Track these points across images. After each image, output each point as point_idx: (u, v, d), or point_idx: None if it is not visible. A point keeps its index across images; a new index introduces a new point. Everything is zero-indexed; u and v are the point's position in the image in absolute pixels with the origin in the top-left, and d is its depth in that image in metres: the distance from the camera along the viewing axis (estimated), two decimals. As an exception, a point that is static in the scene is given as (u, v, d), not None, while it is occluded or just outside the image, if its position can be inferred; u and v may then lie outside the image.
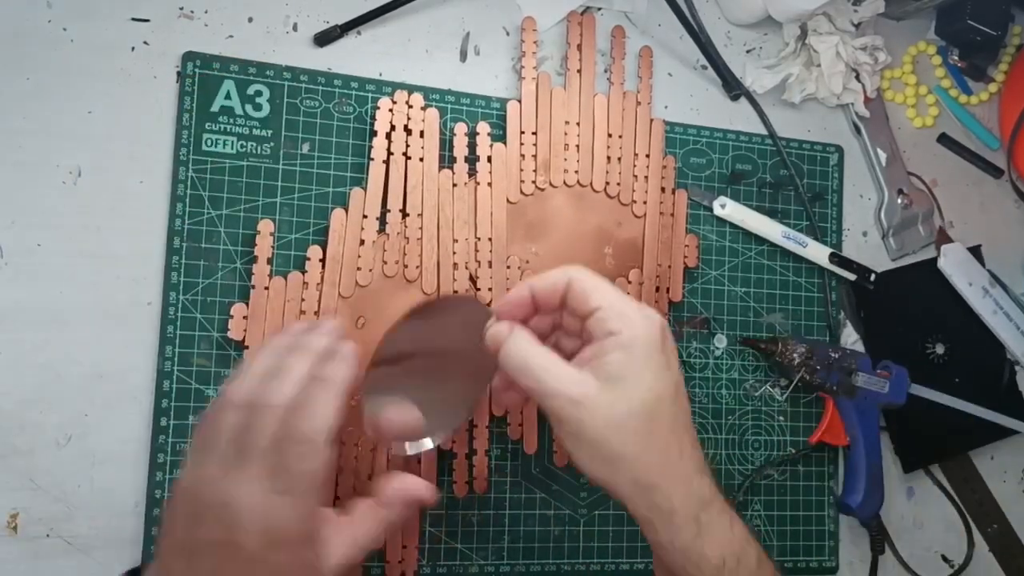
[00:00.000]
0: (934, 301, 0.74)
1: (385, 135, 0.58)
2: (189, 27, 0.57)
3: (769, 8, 0.67)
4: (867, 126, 0.73)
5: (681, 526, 0.42)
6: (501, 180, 0.60)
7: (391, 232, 0.57)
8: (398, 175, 0.58)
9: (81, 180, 0.53)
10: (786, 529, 0.67)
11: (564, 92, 0.63)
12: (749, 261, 0.68)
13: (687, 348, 0.65)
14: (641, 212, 0.64)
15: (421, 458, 0.57)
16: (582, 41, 0.64)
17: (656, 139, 0.65)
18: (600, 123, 0.64)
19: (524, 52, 0.62)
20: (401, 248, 0.57)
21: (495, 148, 0.60)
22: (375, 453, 0.56)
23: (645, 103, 0.65)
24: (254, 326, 0.54)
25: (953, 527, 0.73)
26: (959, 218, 0.76)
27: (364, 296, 0.57)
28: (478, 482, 0.58)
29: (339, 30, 0.59)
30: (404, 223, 0.58)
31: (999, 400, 0.74)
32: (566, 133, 0.63)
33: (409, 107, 0.58)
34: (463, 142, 0.60)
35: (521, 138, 0.61)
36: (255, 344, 0.54)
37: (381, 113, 0.58)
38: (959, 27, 0.73)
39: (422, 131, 0.58)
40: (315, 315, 0.55)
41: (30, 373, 0.52)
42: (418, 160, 0.58)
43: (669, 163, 0.66)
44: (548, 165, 0.62)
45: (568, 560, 0.61)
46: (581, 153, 0.63)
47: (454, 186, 0.59)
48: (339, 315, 0.56)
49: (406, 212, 0.58)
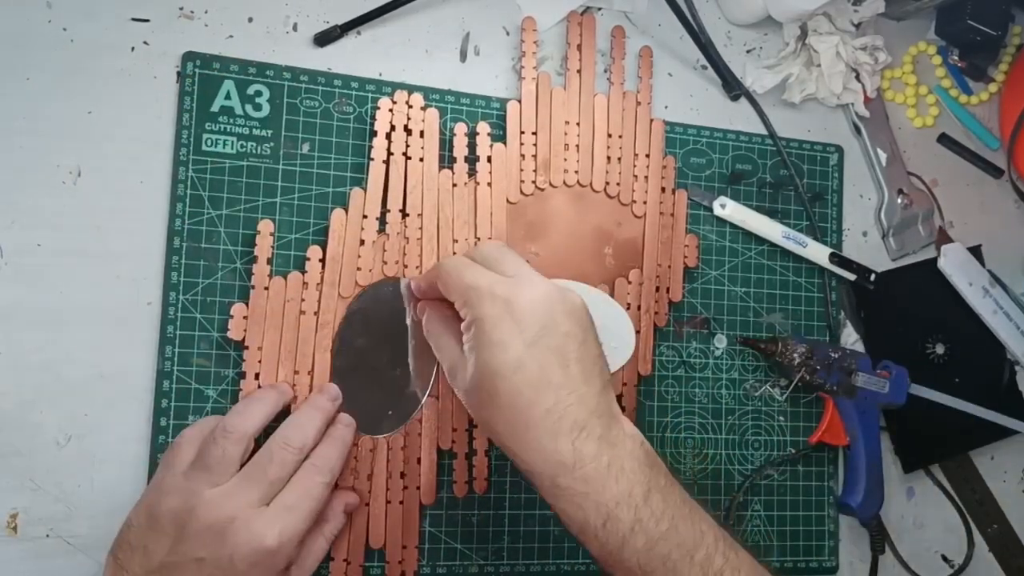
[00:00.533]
0: (934, 301, 0.74)
1: (385, 135, 0.58)
2: (189, 27, 0.57)
3: (769, 8, 0.67)
4: (867, 126, 0.73)
5: (541, 485, 0.46)
6: (501, 180, 0.60)
7: (391, 232, 0.57)
8: (398, 175, 0.58)
9: (81, 180, 0.53)
10: (786, 529, 0.67)
11: (564, 92, 0.63)
12: (749, 261, 0.68)
13: (687, 348, 0.65)
14: (641, 212, 0.64)
15: (421, 458, 0.57)
16: (582, 41, 0.64)
17: (656, 139, 0.65)
18: (600, 123, 0.63)
19: (524, 52, 0.62)
20: (401, 248, 0.57)
21: (495, 148, 0.60)
22: (374, 453, 0.56)
23: (645, 103, 0.65)
24: (254, 326, 0.54)
25: (953, 527, 0.73)
26: (959, 218, 0.76)
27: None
28: (478, 482, 0.58)
29: (339, 30, 0.59)
30: (404, 223, 0.58)
31: (999, 400, 0.74)
32: (566, 133, 0.63)
33: (409, 107, 0.58)
34: (463, 142, 0.60)
35: (521, 138, 0.61)
36: (255, 344, 0.54)
37: (381, 113, 0.58)
38: (959, 27, 0.73)
39: (422, 131, 0.58)
40: (315, 315, 0.55)
41: (30, 373, 0.52)
42: (418, 160, 0.58)
43: (669, 163, 0.66)
44: (548, 165, 0.62)
45: (568, 560, 0.61)
46: (581, 153, 0.63)
47: (454, 186, 0.59)
48: (338, 315, 0.56)
49: (406, 212, 0.58)
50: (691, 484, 0.64)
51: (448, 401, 0.58)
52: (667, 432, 0.64)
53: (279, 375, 0.54)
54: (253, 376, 0.54)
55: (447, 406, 0.58)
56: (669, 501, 0.46)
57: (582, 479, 0.45)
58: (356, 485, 0.55)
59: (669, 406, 0.65)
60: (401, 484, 0.56)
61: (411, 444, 0.57)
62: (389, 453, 0.56)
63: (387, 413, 0.56)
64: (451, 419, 0.58)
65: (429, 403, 0.57)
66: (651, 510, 0.45)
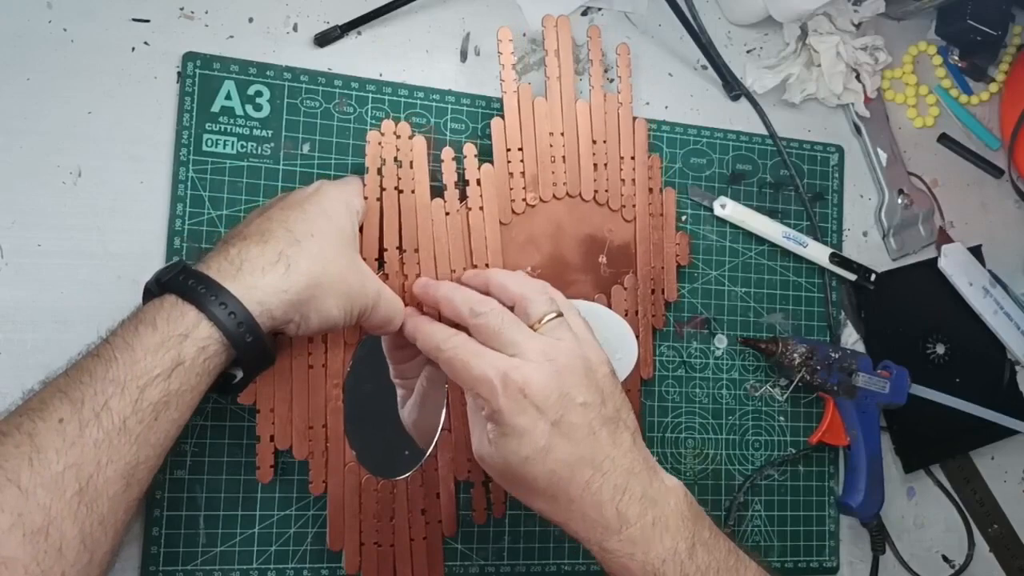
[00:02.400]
0: (935, 301, 0.74)
1: (377, 171, 0.55)
2: (189, 27, 0.57)
3: (769, 8, 0.67)
4: (867, 126, 0.73)
5: (591, 551, 0.47)
6: (492, 201, 0.59)
7: (390, 272, 0.55)
8: (392, 211, 0.56)
9: (81, 180, 0.53)
10: (787, 529, 0.67)
11: (546, 102, 0.61)
12: (749, 261, 0.68)
13: (687, 348, 0.65)
14: (631, 216, 0.63)
15: (440, 492, 0.57)
16: (559, 46, 0.61)
17: (640, 139, 0.64)
18: (584, 130, 0.62)
19: (503, 64, 0.60)
20: (401, 286, 0.56)
21: (483, 170, 0.59)
22: (394, 495, 0.55)
23: (627, 103, 0.63)
24: (264, 388, 0.53)
25: (954, 527, 0.73)
26: (959, 218, 0.76)
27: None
28: (496, 507, 0.59)
29: (339, 30, 0.59)
30: (402, 259, 0.56)
31: (1000, 400, 0.74)
32: (551, 145, 0.61)
33: (397, 137, 0.56)
34: (451, 167, 0.58)
35: (508, 155, 0.60)
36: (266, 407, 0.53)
37: (371, 148, 0.55)
38: (959, 27, 0.73)
39: (411, 161, 0.56)
40: (323, 368, 0.54)
41: (30, 373, 0.51)
42: (410, 192, 0.56)
43: (655, 162, 0.64)
44: (536, 180, 0.60)
45: (568, 560, 0.61)
46: (567, 163, 0.61)
47: (447, 215, 0.57)
48: (345, 364, 0.55)
49: (403, 248, 0.56)
50: (692, 484, 0.64)
51: (461, 433, 0.57)
52: (667, 432, 0.64)
53: (294, 433, 0.53)
54: (268, 438, 0.53)
55: (460, 437, 0.57)
56: (714, 554, 0.47)
57: (628, 540, 0.45)
58: (379, 527, 0.55)
59: (670, 406, 0.65)
60: (423, 520, 0.56)
61: (428, 480, 0.56)
62: (408, 492, 0.56)
63: (403, 453, 0.56)
64: (466, 449, 0.56)
65: (443, 436, 0.57)
66: (696, 565, 0.46)
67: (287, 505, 0.55)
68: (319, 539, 0.55)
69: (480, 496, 0.58)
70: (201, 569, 0.53)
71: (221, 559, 0.53)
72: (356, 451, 0.55)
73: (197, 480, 0.54)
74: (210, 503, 0.54)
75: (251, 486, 0.54)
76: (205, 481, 0.54)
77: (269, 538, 0.54)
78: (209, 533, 0.53)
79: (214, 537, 0.54)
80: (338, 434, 0.54)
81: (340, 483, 0.54)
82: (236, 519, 0.54)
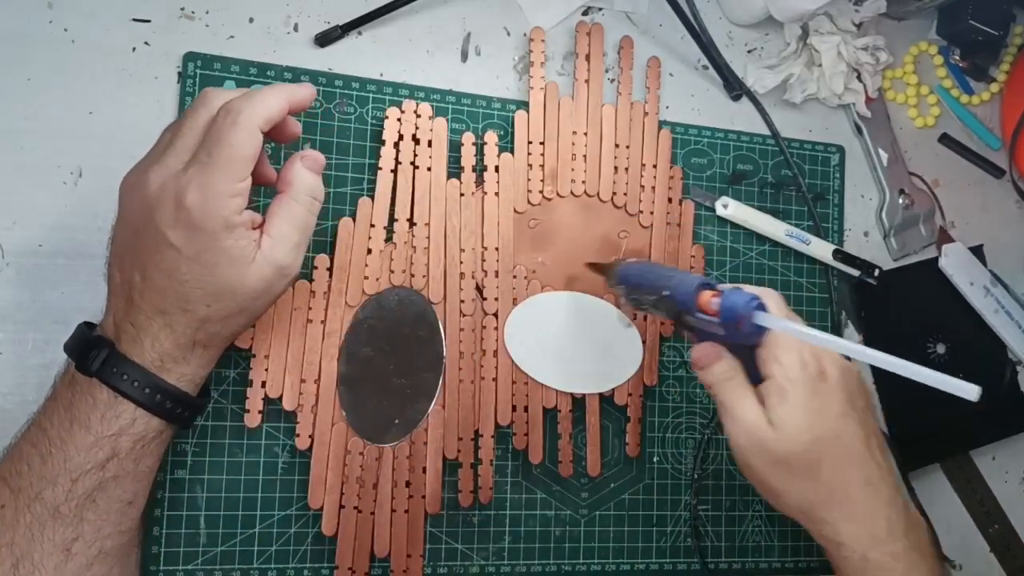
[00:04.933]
0: (935, 301, 0.74)
1: (393, 144, 0.57)
2: (190, 28, 0.57)
3: (770, 8, 0.67)
4: (868, 126, 0.73)
5: (848, 558, 0.46)
6: (508, 190, 0.60)
7: (398, 242, 0.57)
8: (405, 184, 0.57)
9: (82, 180, 0.53)
10: (787, 529, 0.67)
11: (572, 102, 0.63)
12: (751, 261, 0.68)
13: (688, 348, 0.65)
14: (648, 222, 0.64)
15: (427, 468, 0.57)
16: (591, 52, 0.63)
17: (664, 149, 0.65)
18: (608, 133, 0.63)
19: (532, 62, 0.62)
20: (408, 257, 0.57)
21: (503, 158, 0.60)
22: (379, 462, 0.56)
23: (653, 113, 0.65)
24: (261, 334, 0.54)
25: (954, 527, 0.73)
26: (960, 218, 0.76)
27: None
28: (483, 492, 0.58)
29: (340, 31, 0.59)
30: (411, 232, 0.57)
31: (1000, 400, 0.74)
32: (573, 143, 0.62)
33: (417, 116, 0.58)
34: (471, 152, 0.59)
35: (528, 148, 0.61)
36: (262, 352, 0.54)
37: (389, 122, 0.57)
38: (960, 27, 0.73)
39: (430, 140, 0.58)
40: (322, 324, 0.55)
41: (31, 374, 0.52)
42: (426, 170, 0.58)
43: (676, 173, 0.65)
44: (555, 175, 0.62)
45: (568, 560, 0.61)
46: (588, 163, 0.63)
47: (461, 196, 0.59)
48: (345, 324, 0.56)
49: (413, 221, 0.58)
50: (692, 485, 0.64)
51: (454, 411, 0.57)
52: (668, 432, 0.64)
53: (286, 383, 0.54)
54: (260, 384, 0.53)
55: (453, 415, 0.57)
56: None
57: (891, 555, 0.46)
58: (361, 494, 0.55)
59: (670, 406, 0.64)
60: (406, 493, 0.56)
61: (416, 453, 0.56)
62: (395, 462, 0.56)
63: (393, 422, 0.56)
64: (457, 428, 0.57)
65: (435, 412, 0.57)
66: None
67: (287, 505, 0.55)
68: (319, 539, 0.55)
69: (467, 478, 0.58)
70: (201, 569, 0.53)
71: (221, 559, 0.54)
72: (346, 412, 0.55)
73: (197, 480, 0.54)
74: (210, 503, 0.54)
75: (251, 486, 0.54)
76: (205, 481, 0.54)
77: (269, 538, 0.55)
78: (209, 533, 0.53)
79: (214, 537, 0.54)
80: (330, 393, 0.55)
81: (326, 441, 0.54)
82: (236, 519, 0.54)
